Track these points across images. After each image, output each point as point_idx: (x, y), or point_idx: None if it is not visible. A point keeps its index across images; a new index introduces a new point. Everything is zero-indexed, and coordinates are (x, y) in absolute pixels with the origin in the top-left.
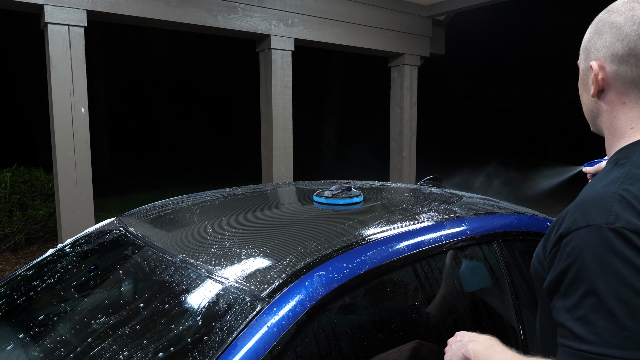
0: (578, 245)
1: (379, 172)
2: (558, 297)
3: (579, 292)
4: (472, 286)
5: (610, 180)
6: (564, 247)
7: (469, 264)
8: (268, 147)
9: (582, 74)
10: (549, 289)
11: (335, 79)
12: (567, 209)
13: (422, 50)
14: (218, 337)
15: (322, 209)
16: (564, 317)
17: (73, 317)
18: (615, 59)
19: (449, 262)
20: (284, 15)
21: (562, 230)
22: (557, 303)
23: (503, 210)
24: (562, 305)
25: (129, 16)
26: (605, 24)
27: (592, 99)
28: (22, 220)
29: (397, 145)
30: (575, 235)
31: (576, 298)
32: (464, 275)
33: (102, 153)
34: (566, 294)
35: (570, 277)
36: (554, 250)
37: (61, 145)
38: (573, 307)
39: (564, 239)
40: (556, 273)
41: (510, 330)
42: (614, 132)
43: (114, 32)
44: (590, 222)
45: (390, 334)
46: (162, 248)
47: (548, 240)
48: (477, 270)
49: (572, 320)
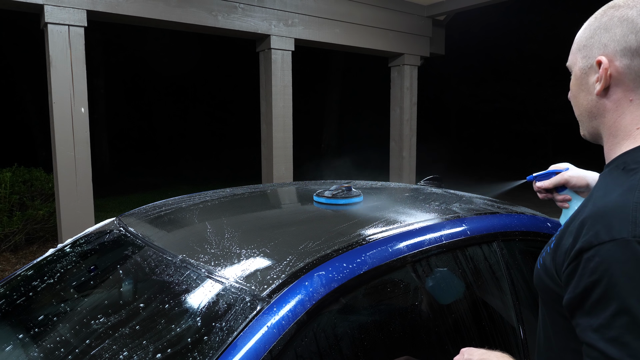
0: (604, 261)
1: (379, 172)
2: (582, 314)
3: (608, 311)
4: (447, 298)
5: (627, 188)
6: (586, 262)
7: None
8: (268, 147)
9: (580, 74)
10: (571, 305)
11: (335, 79)
12: (581, 220)
13: (422, 50)
14: (218, 337)
15: (322, 209)
16: (592, 337)
17: (73, 317)
18: (628, 52)
19: (449, 262)
20: (284, 15)
21: (583, 245)
22: (582, 321)
23: (503, 210)
24: (589, 324)
25: (129, 16)
26: (612, 18)
27: (594, 98)
28: (22, 220)
29: (397, 145)
30: (600, 250)
31: (606, 317)
32: (434, 290)
33: (102, 153)
34: (593, 313)
35: (597, 294)
36: (573, 266)
37: (61, 145)
38: (602, 326)
39: (584, 254)
40: (579, 290)
41: (510, 330)
42: (616, 133)
43: (114, 32)
44: (615, 235)
45: (390, 334)
46: (162, 248)
47: (558, 251)
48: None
49: (602, 340)
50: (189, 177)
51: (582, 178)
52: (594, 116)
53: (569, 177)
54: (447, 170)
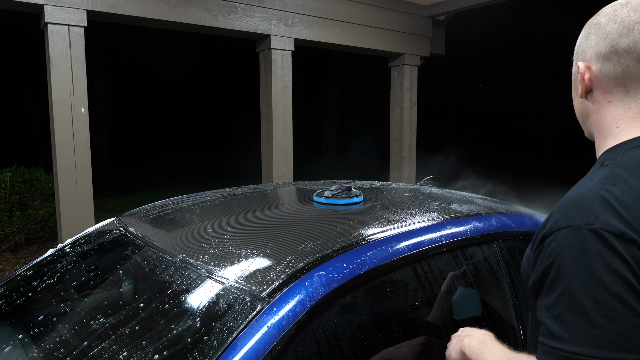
0: (558, 246)
1: (379, 171)
2: (541, 296)
3: (557, 291)
4: (462, 314)
5: (594, 182)
6: (546, 247)
7: (463, 292)
8: (268, 147)
9: (573, 78)
10: (533, 288)
11: (335, 79)
12: (552, 209)
13: (422, 50)
14: (218, 337)
15: (322, 209)
16: (543, 315)
17: (73, 317)
18: (599, 57)
19: (449, 262)
20: (284, 15)
21: (545, 231)
22: (539, 301)
23: (503, 210)
24: (543, 304)
25: (129, 16)
26: (592, 26)
27: (581, 101)
28: (22, 220)
29: (397, 145)
30: (557, 236)
31: (554, 297)
32: (456, 303)
33: (102, 153)
34: (547, 293)
35: (551, 276)
36: (538, 250)
37: (61, 145)
38: (551, 305)
39: (546, 239)
40: (539, 272)
41: (510, 330)
42: (601, 132)
43: (114, 32)
44: (570, 222)
45: (390, 333)
46: (162, 248)
47: (535, 240)
48: (470, 299)
49: (549, 318)
50: (189, 177)
51: None
52: (585, 117)
53: None
54: (447, 170)
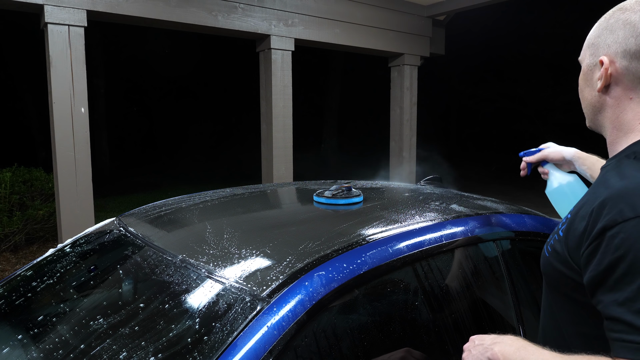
0: (630, 237)
1: (379, 172)
2: (604, 291)
3: (634, 284)
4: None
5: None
6: (609, 239)
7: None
8: (268, 147)
9: (587, 69)
10: (593, 283)
11: (335, 79)
12: (600, 202)
13: (422, 50)
14: (218, 337)
15: (322, 209)
16: (617, 311)
17: (73, 317)
18: (627, 55)
19: (449, 262)
20: (284, 15)
21: (607, 223)
22: (605, 297)
23: (503, 210)
24: (614, 299)
25: (129, 16)
26: (618, 20)
27: (596, 94)
28: (22, 220)
29: (397, 145)
30: (624, 227)
31: (632, 290)
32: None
33: (102, 153)
34: (617, 287)
35: (622, 269)
36: (595, 244)
37: (61, 145)
38: (629, 299)
39: (608, 231)
40: (603, 267)
41: (510, 330)
42: (620, 127)
43: (114, 32)
44: (639, 212)
45: (390, 334)
46: (162, 248)
47: (570, 236)
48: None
49: (629, 313)
50: (189, 177)
51: (558, 152)
52: (597, 110)
53: (548, 152)
54: (447, 170)
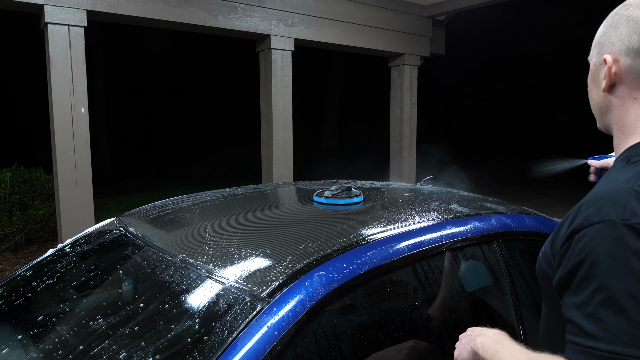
0: (591, 241)
1: (379, 172)
2: (568, 293)
3: (590, 289)
4: (473, 286)
5: (626, 178)
6: (576, 242)
7: (468, 264)
8: (268, 147)
9: (593, 69)
10: (559, 285)
11: (335, 79)
12: (579, 204)
13: (422, 50)
14: (218, 337)
15: (322, 209)
16: (573, 313)
17: (73, 317)
18: (631, 52)
19: (449, 263)
20: (284, 15)
21: (575, 226)
22: (567, 299)
23: (503, 210)
24: (572, 302)
25: (129, 16)
26: (621, 17)
27: (602, 94)
28: (22, 220)
29: (397, 145)
30: (589, 231)
31: (587, 294)
32: (464, 276)
33: (102, 153)
34: (577, 291)
35: (582, 273)
36: (565, 247)
37: (61, 145)
38: (583, 303)
39: (576, 235)
40: (567, 269)
41: (510, 330)
42: (623, 129)
43: (114, 32)
44: (604, 217)
45: (390, 334)
46: (162, 248)
47: (557, 236)
48: (476, 270)
49: (581, 316)
50: (189, 177)
51: None
52: (604, 111)
53: (612, 161)
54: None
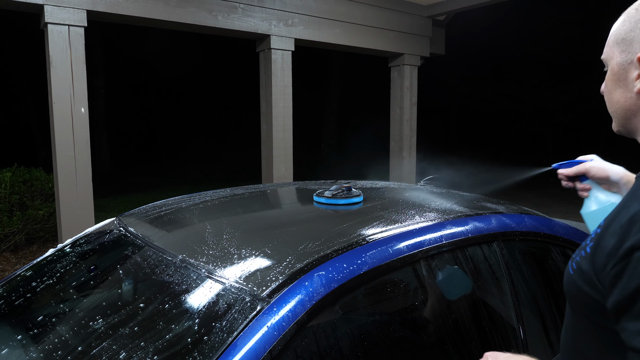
0: None
1: (379, 172)
2: (630, 318)
3: None
4: (454, 294)
5: None
6: (637, 260)
7: (447, 272)
8: (268, 147)
9: (618, 69)
10: (617, 308)
11: (335, 79)
12: (630, 217)
13: (422, 50)
14: (218, 337)
15: (322, 209)
16: (637, 340)
17: (73, 317)
18: None
19: (449, 263)
20: (284, 15)
21: (635, 243)
22: (630, 325)
23: (503, 210)
24: (637, 329)
25: (129, 16)
26: None
27: (632, 96)
28: (22, 220)
29: (397, 145)
30: None
31: None
32: (444, 285)
33: (102, 153)
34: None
35: None
36: (621, 265)
37: (61, 145)
38: None
39: (636, 252)
40: (628, 291)
41: (510, 330)
42: None
43: (114, 32)
44: None
45: (390, 334)
46: (162, 248)
47: (597, 254)
48: (455, 276)
49: None
50: (189, 177)
51: (603, 170)
52: (633, 114)
53: (589, 166)
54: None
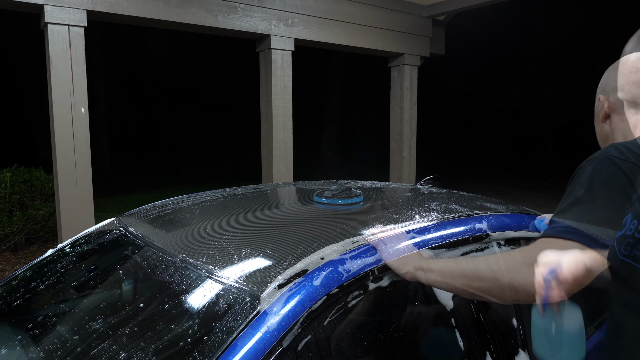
0: None
1: (379, 172)
2: None
3: None
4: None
5: None
6: None
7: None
8: (268, 147)
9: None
10: None
11: (335, 79)
12: None
13: (422, 50)
14: (218, 337)
15: (322, 209)
16: None
17: (73, 317)
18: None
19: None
20: (284, 15)
21: None
22: None
23: (503, 210)
24: None
25: (129, 16)
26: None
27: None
28: (22, 220)
29: (397, 145)
30: None
31: None
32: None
33: (102, 153)
34: None
35: None
36: None
37: (61, 145)
38: None
39: None
40: None
41: (510, 330)
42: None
43: (114, 32)
44: None
45: (391, 334)
46: (162, 248)
47: None
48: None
49: None
50: (189, 177)
51: None
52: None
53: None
54: (447, 170)
